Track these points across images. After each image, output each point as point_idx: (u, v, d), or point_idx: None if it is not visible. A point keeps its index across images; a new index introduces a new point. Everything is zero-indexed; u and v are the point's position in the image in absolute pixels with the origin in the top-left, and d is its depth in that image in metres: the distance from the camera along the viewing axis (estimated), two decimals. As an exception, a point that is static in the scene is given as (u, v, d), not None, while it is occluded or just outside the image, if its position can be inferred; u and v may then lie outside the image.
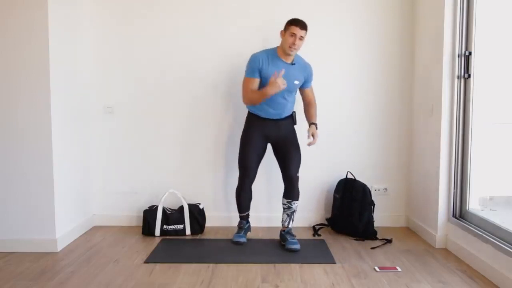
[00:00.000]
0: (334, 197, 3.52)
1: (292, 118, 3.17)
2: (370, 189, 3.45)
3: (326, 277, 2.57)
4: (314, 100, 3.22)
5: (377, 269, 2.68)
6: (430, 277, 2.58)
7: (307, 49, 3.48)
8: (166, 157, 3.60)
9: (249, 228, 3.32)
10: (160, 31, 3.52)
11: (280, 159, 3.18)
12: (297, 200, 3.19)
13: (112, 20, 3.51)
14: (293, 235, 3.15)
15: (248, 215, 3.30)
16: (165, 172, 3.60)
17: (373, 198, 3.41)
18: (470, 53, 2.91)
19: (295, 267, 2.72)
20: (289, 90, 3.05)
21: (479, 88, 2.94)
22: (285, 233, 3.16)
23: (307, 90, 3.19)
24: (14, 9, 2.85)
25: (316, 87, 3.42)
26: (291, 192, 3.15)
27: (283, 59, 3.02)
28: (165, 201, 3.42)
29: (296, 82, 3.07)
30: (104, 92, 3.57)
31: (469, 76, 2.92)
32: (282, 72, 2.90)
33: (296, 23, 2.95)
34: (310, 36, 3.51)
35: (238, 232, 3.23)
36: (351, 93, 3.58)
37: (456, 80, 2.97)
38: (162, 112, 3.57)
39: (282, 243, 3.15)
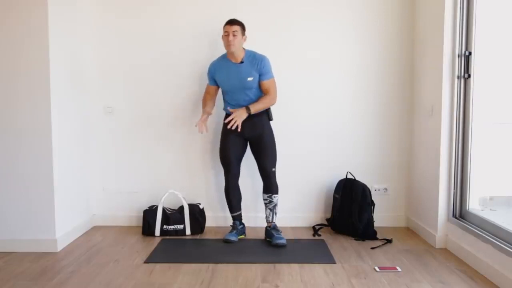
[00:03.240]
0: (334, 197, 3.52)
1: (267, 114, 3.21)
2: (370, 189, 3.45)
3: (326, 277, 2.57)
4: (271, 93, 3.15)
5: (377, 269, 2.68)
6: (430, 277, 2.58)
7: (308, 49, 3.49)
8: (166, 157, 3.60)
9: (243, 231, 3.32)
10: (160, 31, 3.52)
11: (256, 155, 3.23)
12: (277, 193, 3.24)
13: (112, 20, 3.51)
14: (278, 231, 3.19)
15: (240, 215, 3.32)
16: (165, 172, 3.60)
17: (373, 198, 3.41)
18: (470, 53, 2.91)
19: (295, 267, 2.72)
20: (248, 87, 3.12)
21: (479, 88, 2.94)
22: (271, 229, 3.21)
23: (263, 82, 3.13)
24: (14, 9, 2.86)
25: (317, 87, 3.43)
26: (269, 186, 3.22)
27: (232, 60, 3.13)
28: (165, 201, 3.42)
29: (250, 78, 3.10)
30: (104, 92, 3.57)
31: (469, 76, 2.92)
32: (204, 122, 3.18)
33: (226, 22, 3.11)
34: (310, 36, 3.53)
35: (230, 231, 3.26)
36: (351, 93, 3.58)
37: (456, 80, 2.97)
38: (162, 112, 3.57)
39: (268, 239, 3.20)
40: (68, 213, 3.18)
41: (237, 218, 3.31)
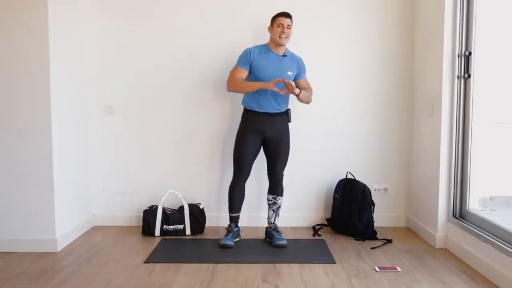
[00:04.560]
0: (334, 197, 3.51)
1: (287, 115, 3.20)
2: (370, 189, 3.45)
3: (326, 277, 2.57)
4: (310, 88, 3.27)
5: (377, 269, 2.68)
6: (430, 277, 2.58)
7: (308, 49, 3.49)
8: (166, 157, 3.60)
9: (238, 233, 3.23)
10: (160, 31, 3.52)
11: (270, 156, 3.21)
12: (282, 195, 3.25)
13: (112, 20, 3.51)
14: (279, 231, 3.18)
15: (238, 217, 3.24)
16: (165, 172, 3.60)
17: (373, 198, 3.41)
18: (470, 53, 2.92)
19: (295, 267, 2.72)
20: None
21: (479, 88, 2.94)
22: (272, 229, 3.20)
23: (302, 81, 3.24)
24: (14, 9, 2.85)
25: (317, 87, 3.42)
26: (276, 188, 3.23)
27: (275, 52, 3.12)
28: (165, 201, 3.42)
29: (290, 72, 3.13)
30: (104, 92, 3.57)
31: (469, 76, 2.92)
32: (287, 81, 2.96)
33: (281, 14, 3.10)
34: (309, 35, 3.53)
35: (226, 235, 3.16)
36: (351, 93, 3.59)
37: (456, 80, 2.97)
38: (162, 112, 3.57)
39: (268, 240, 3.19)
40: (68, 213, 3.18)
41: (234, 220, 3.22)
